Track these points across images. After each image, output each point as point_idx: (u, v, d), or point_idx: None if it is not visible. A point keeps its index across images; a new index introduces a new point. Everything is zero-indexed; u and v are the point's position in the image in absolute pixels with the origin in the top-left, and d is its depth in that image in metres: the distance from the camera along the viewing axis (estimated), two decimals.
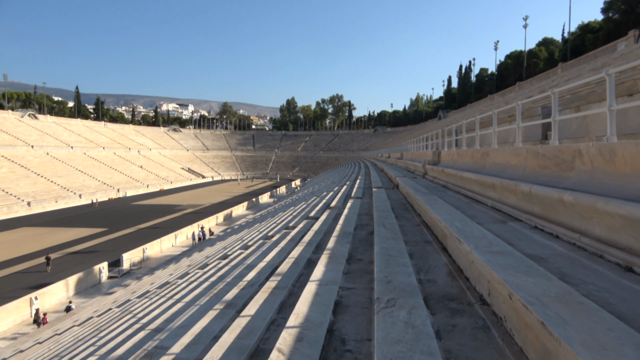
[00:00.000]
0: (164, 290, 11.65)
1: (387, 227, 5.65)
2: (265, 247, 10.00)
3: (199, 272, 11.74)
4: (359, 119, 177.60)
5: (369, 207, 10.44)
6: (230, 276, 7.73)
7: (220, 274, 8.92)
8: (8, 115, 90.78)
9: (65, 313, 22.75)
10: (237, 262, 9.89)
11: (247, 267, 8.11)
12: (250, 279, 6.54)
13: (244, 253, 11.04)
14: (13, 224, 47.51)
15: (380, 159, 43.84)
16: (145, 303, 10.28)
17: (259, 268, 7.19)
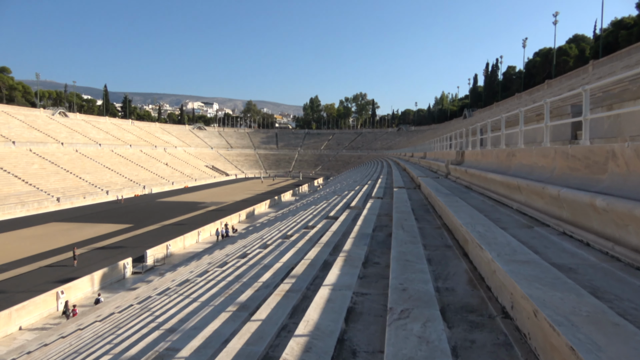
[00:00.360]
0: (183, 287, 11.67)
1: (406, 230, 5.44)
2: (283, 247, 9.89)
3: (217, 271, 11.72)
4: (382, 117, 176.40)
5: (389, 208, 10.21)
6: (247, 276, 7.64)
7: (238, 273, 8.85)
8: (40, 113, 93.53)
9: (94, 305, 23.32)
10: (255, 261, 9.80)
11: (263, 268, 8.00)
12: (266, 280, 6.42)
13: (263, 252, 10.96)
14: (43, 219, 48.87)
15: (403, 158, 43.33)
16: (164, 301, 10.31)
17: (275, 269, 7.07)
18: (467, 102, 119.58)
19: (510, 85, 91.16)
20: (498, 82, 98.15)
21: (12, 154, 68.11)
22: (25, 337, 19.78)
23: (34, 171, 65.51)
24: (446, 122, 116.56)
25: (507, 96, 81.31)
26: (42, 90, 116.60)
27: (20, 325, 21.44)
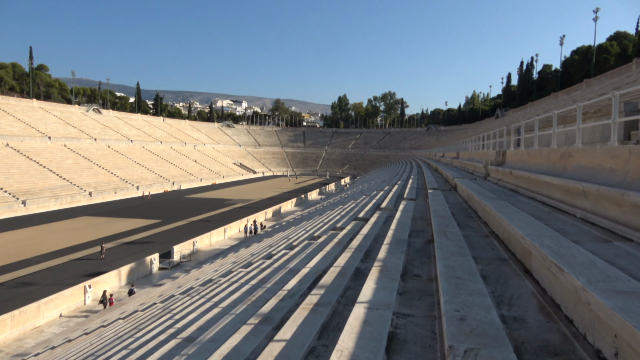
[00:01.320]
0: (206, 288, 11.30)
1: (450, 238, 4.80)
2: (310, 250, 9.35)
3: (242, 272, 11.29)
4: (411, 117, 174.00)
5: (424, 211, 9.53)
6: (271, 281, 7.12)
7: (262, 276, 8.36)
8: (75, 109, 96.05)
9: (129, 296, 23.51)
10: (280, 264, 9.30)
11: (289, 272, 7.48)
12: (291, 287, 5.89)
13: (289, 254, 10.45)
14: (75, 212, 49.94)
15: (433, 158, 42.21)
16: (185, 302, 9.95)
17: (302, 275, 6.53)
18: (499, 101, 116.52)
19: (546, 85, 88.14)
20: (533, 81, 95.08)
21: (48, 149, 70.05)
22: (52, 330, 19.95)
23: (68, 166, 67.17)
24: (477, 122, 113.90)
25: (542, 96, 78.67)
26: (77, 87, 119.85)
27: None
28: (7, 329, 18.84)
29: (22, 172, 58.33)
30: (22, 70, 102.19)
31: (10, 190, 51.88)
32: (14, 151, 63.58)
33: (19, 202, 50.01)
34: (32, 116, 79.38)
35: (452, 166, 22.11)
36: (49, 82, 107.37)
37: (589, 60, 68.86)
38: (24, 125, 73.71)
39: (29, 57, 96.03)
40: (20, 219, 45.63)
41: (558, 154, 6.42)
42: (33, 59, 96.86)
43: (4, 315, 18.87)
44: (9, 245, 33.82)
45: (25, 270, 27.85)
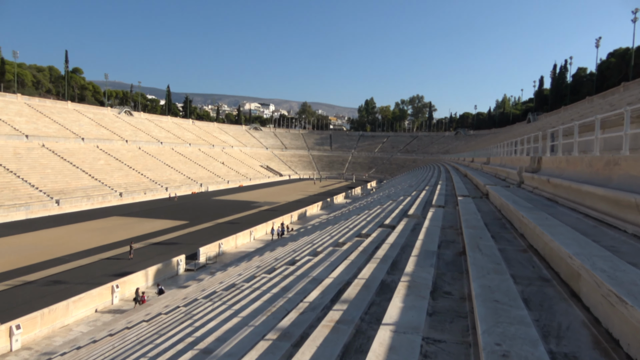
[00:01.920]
0: (228, 293, 11.15)
1: (484, 252, 4.43)
2: (334, 257, 9.06)
3: (265, 278, 11.10)
4: (439, 120, 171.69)
5: (454, 219, 9.11)
6: (293, 291, 6.87)
7: (284, 284, 8.12)
8: (107, 112, 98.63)
9: (158, 295, 23.86)
10: (304, 271, 9.04)
11: (312, 281, 7.20)
12: (313, 299, 5.61)
13: (312, 261, 10.19)
14: (105, 212, 51.08)
15: (462, 163, 41.28)
16: (207, 308, 9.81)
17: (324, 285, 6.24)
18: (531, 105, 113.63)
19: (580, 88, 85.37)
20: (567, 84, 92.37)
21: (81, 150, 72.06)
22: (80, 328, 20.25)
23: (100, 167, 68.90)
24: (508, 127, 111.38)
25: (576, 100, 76.21)
26: (110, 90, 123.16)
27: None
28: (37, 326, 19.23)
29: (56, 172, 60.12)
30: (58, 74, 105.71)
31: (45, 190, 53.50)
32: (49, 152, 65.63)
33: (52, 201, 51.50)
34: (67, 118, 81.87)
35: (483, 172, 21.43)
36: (83, 84, 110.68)
37: (627, 63, 66.33)
38: (59, 126, 76.07)
39: (64, 61, 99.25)
40: (53, 217, 46.96)
41: (602, 161, 5.95)
42: (68, 62, 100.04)
43: (35, 313, 19.27)
44: (42, 244, 34.76)
45: (57, 269, 28.51)
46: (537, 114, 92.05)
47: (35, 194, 51.69)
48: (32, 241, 35.71)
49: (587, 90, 77.64)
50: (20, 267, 28.32)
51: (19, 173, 54.99)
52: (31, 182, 54.04)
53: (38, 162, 60.65)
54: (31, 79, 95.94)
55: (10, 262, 29.26)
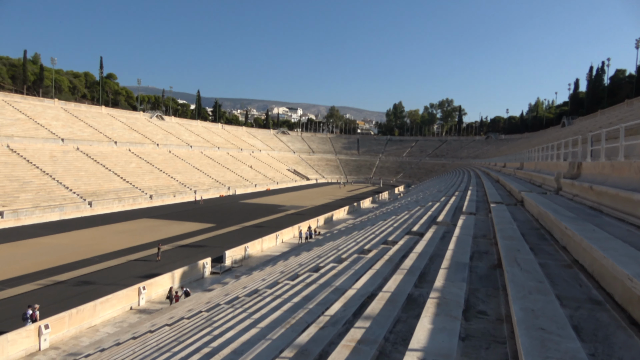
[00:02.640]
0: (250, 300, 10.91)
1: (524, 268, 3.98)
2: (358, 265, 8.68)
3: (287, 285, 10.81)
4: (469, 124, 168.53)
5: (486, 228, 8.59)
6: (315, 301, 6.53)
7: (306, 293, 7.79)
8: (139, 116, 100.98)
9: (185, 298, 24.14)
10: (327, 280, 8.69)
11: (334, 291, 6.85)
12: (334, 312, 5.26)
13: (336, 268, 9.83)
14: (136, 214, 52.00)
15: (493, 168, 40.12)
16: (228, 314, 9.58)
17: (347, 297, 5.88)
18: (565, 109, 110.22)
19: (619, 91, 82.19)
20: (604, 87, 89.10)
21: (114, 153, 73.83)
22: (107, 329, 20.45)
23: (132, 169, 70.39)
24: (542, 131, 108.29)
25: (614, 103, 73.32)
26: (142, 95, 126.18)
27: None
28: (64, 326, 19.50)
29: (89, 174, 61.72)
30: (93, 79, 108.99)
31: (79, 192, 54.94)
32: (83, 155, 67.49)
33: (85, 203, 52.81)
34: (101, 122, 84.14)
35: (516, 177, 20.62)
36: (117, 90, 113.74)
37: None
38: (93, 130, 78.22)
39: (99, 67, 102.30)
40: (85, 219, 48.10)
41: None
42: (103, 68, 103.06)
43: (63, 314, 19.55)
44: (73, 244, 35.56)
45: (87, 269, 29.03)
46: (572, 118, 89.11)
47: (69, 196, 53.14)
48: (65, 242, 36.59)
49: (626, 93, 74.68)
50: (52, 267, 28.98)
51: (55, 175, 56.68)
52: (65, 184, 55.61)
53: (72, 164, 62.42)
54: (68, 85, 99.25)
55: (43, 262, 29.99)
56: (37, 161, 58.26)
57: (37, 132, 66.64)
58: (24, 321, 19.43)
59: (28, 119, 69.17)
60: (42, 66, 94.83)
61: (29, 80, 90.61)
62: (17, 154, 57.71)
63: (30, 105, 74.86)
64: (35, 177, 54.28)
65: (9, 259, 30.62)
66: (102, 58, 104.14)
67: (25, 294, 23.96)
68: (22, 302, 22.72)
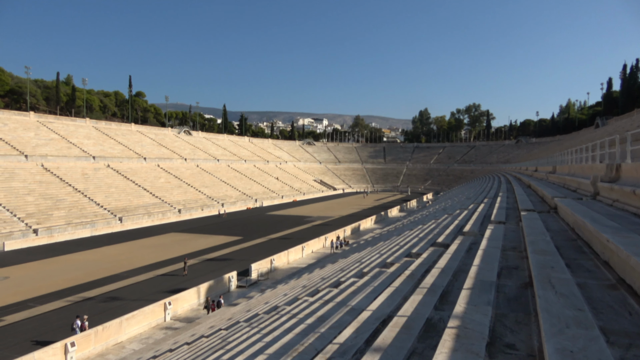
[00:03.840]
0: (268, 318, 10.47)
1: (559, 290, 3.39)
2: (378, 281, 8.12)
3: (306, 301, 10.34)
4: (498, 129, 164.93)
5: (516, 239, 7.90)
6: (328, 323, 6.02)
7: (321, 313, 7.29)
8: (168, 132, 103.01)
9: (217, 308, 24.42)
10: (344, 297, 8.17)
11: (350, 312, 6.32)
12: (345, 339, 4.74)
13: (356, 284, 9.29)
14: (164, 229, 52.58)
15: (524, 172, 38.69)
16: (243, 335, 9.18)
17: (361, 320, 5.35)
18: (599, 109, 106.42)
19: None
20: (639, 85, 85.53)
21: (143, 169, 75.28)
22: (132, 346, 20.36)
23: (160, 184, 71.53)
24: (574, 133, 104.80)
25: None
26: (170, 111, 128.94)
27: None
28: (91, 344, 19.51)
29: (119, 190, 62.98)
30: (123, 98, 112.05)
31: (109, 208, 56.05)
32: (114, 171, 69.03)
33: (116, 219, 53.79)
34: (130, 139, 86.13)
35: (548, 182, 19.59)
36: (145, 107, 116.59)
37: None
38: (123, 147, 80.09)
39: (128, 86, 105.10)
40: (116, 234, 48.91)
41: None
42: (132, 87, 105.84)
43: (89, 331, 19.60)
44: (103, 260, 36.05)
45: (115, 285, 29.26)
46: (607, 119, 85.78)
47: (100, 212, 54.24)
48: (95, 257, 37.15)
49: None
50: (82, 284, 29.33)
51: (86, 192, 58.06)
52: (97, 200, 56.85)
53: (103, 181, 63.87)
54: (99, 104, 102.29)
55: (73, 279, 30.42)
56: (69, 179, 59.86)
57: (70, 151, 68.64)
58: (72, 331, 20.42)
59: (61, 139, 71.38)
60: (74, 87, 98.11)
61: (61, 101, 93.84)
62: (50, 173, 59.47)
63: (63, 125, 77.33)
64: (67, 194, 55.72)
65: (41, 276, 31.21)
66: (130, 77, 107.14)
67: (54, 311, 24.21)
68: (52, 319, 23.01)
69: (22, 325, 22.09)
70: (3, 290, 27.96)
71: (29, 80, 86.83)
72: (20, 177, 55.09)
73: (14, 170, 55.96)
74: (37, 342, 19.79)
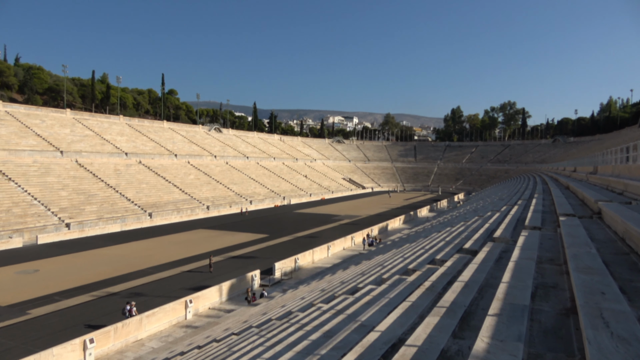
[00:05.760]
0: (280, 326, 9.83)
1: (616, 331, 2.53)
2: (395, 292, 7.31)
3: (320, 309, 9.64)
4: (534, 127, 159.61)
5: (554, 249, 6.93)
6: (331, 343, 5.28)
7: (329, 328, 6.56)
8: (199, 129, 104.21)
9: (260, 298, 25.43)
10: (357, 309, 7.41)
11: (358, 329, 5.56)
12: None
13: (372, 293, 8.51)
14: (192, 225, 52.88)
15: (562, 173, 36.75)
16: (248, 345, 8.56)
17: (368, 343, 4.59)
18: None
19: None
20: None
21: (174, 166, 76.26)
22: (152, 344, 20.16)
23: (190, 181, 72.25)
24: (616, 132, 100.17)
25: None
26: (201, 108, 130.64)
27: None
28: (110, 340, 19.39)
29: (150, 187, 63.91)
30: (156, 95, 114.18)
31: (140, 204, 56.89)
32: (145, 168, 70.15)
33: (145, 214, 54.52)
34: (162, 136, 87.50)
35: (589, 183, 18.18)
36: (177, 105, 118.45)
37: None
38: (155, 144, 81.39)
39: (161, 84, 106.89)
40: (145, 230, 49.47)
41: None
42: (165, 84, 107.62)
43: (108, 328, 19.46)
44: (130, 255, 36.37)
45: (140, 281, 29.34)
46: None
47: (131, 207, 55.11)
48: (123, 253, 37.54)
49: None
50: (108, 279, 29.54)
51: (118, 188, 59.13)
52: (128, 196, 57.81)
53: (135, 177, 64.97)
54: (132, 102, 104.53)
55: (100, 273, 30.71)
56: (102, 175, 61.12)
57: (103, 147, 70.16)
58: (123, 315, 21.88)
59: (95, 135, 73.08)
60: (108, 85, 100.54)
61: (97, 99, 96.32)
62: (84, 169, 60.88)
63: (97, 122, 79.20)
64: (100, 190, 56.86)
65: (70, 270, 31.66)
66: (163, 75, 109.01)
67: (77, 306, 24.36)
68: (76, 314, 23.15)
69: (45, 319, 22.27)
70: (32, 283, 28.45)
71: (66, 79, 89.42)
72: (55, 172, 56.57)
73: (49, 165, 57.54)
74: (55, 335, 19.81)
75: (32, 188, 50.24)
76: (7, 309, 23.45)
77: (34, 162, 56.83)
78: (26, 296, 25.52)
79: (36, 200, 48.20)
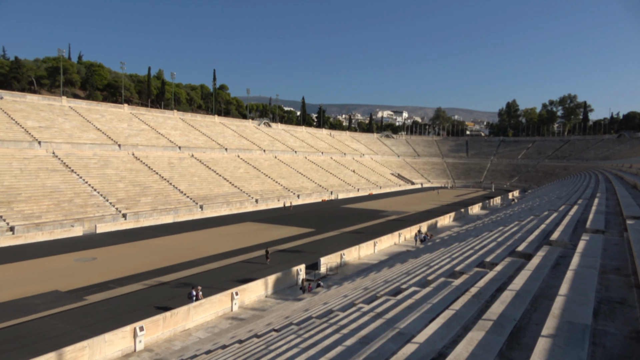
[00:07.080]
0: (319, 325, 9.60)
1: None
2: (439, 298, 6.85)
3: (360, 309, 9.31)
4: (596, 122, 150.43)
5: (621, 256, 6.21)
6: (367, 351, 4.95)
7: (365, 334, 6.22)
8: (248, 124, 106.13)
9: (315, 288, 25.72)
10: (397, 313, 7.01)
11: (395, 338, 5.19)
12: None
13: (414, 296, 8.08)
14: (241, 218, 53.90)
15: (628, 171, 34.19)
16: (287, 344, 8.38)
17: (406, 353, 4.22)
18: None
19: None
20: None
21: (224, 159, 78.07)
22: (199, 334, 20.58)
23: (239, 175, 73.72)
24: None
25: None
26: (251, 103, 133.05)
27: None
28: (159, 329, 19.96)
29: (201, 179, 65.77)
30: (208, 91, 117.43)
31: (192, 196, 58.66)
32: (197, 161, 72.26)
33: (197, 207, 56.14)
34: (213, 130, 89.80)
35: None
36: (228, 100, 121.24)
37: None
38: (206, 138, 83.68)
39: (212, 79, 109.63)
40: (196, 221, 50.95)
41: None
42: (216, 80, 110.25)
43: (157, 316, 20.04)
44: (181, 246, 37.50)
45: (189, 271, 30.13)
46: None
47: (183, 200, 56.95)
48: (174, 244, 38.80)
49: None
50: (159, 268, 30.57)
51: (171, 181, 61.27)
52: (180, 188, 59.78)
53: (187, 170, 67.08)
54: (185, 97, 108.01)
55: (152, 263, 31.84)
56: (156, 167, 63.53)
57: (158, 141, 72.90)
58: (189, 299, 23.18)
59: (151, 129, 76.06)
60: (163, 81, 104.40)
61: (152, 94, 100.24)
62: (140, 162, 63.51)
63: (153, 117, 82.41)
64: (154, 182, 59.13)
65: (124, 259, 33.06)
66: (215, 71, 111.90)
67: (130, 294, 25.34)
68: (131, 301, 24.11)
69: (100, 305, 23.30)
70: (90, 270, 29.93)
71: (123, 75, 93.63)
72: (114, 164, 59.37)
73: (108, 158, 60.47)
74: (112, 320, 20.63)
75: (92, 179, 52.98)
76: (66, 295, 24.77)
77: (94, 154, 59.91)
78: (83, 283, 26.85)
79: (95, 191, 50.78)
